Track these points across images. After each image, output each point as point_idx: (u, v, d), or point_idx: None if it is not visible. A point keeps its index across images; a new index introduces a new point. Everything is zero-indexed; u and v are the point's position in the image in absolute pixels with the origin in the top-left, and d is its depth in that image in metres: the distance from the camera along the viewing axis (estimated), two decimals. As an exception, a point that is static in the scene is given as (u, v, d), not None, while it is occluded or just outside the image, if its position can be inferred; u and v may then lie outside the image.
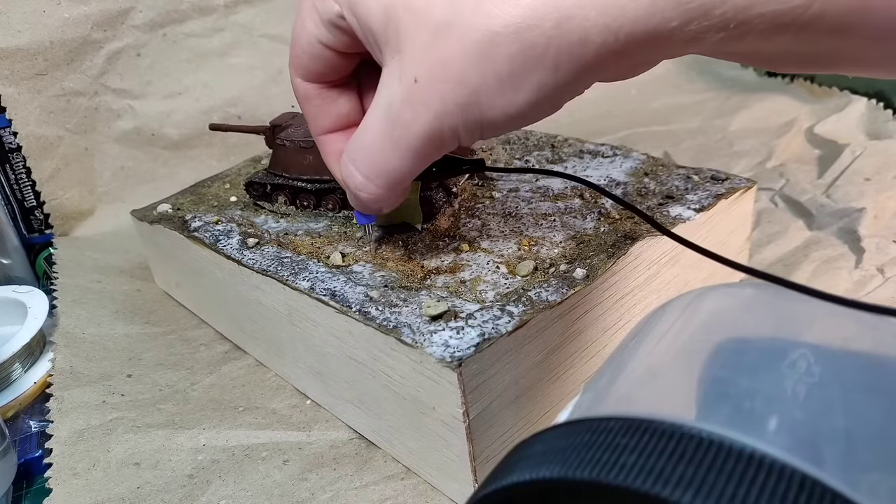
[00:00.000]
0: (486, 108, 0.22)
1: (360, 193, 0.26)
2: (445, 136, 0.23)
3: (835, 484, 0.11)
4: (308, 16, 0.25)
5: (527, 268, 0.31)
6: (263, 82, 0.64)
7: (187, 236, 0.39)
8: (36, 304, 0.43)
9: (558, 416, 0.17)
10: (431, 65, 0.21)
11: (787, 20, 0.17)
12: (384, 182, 0.25)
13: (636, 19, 0.18)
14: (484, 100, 0.21)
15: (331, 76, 0.27)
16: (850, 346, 0.17)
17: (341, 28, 0.25)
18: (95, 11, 0.57)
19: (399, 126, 0.23)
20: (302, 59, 0.27)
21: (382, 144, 0.24)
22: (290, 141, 0.39)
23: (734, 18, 0.18)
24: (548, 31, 0.19)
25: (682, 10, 0.18)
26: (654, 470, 0.11)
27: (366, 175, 0.25)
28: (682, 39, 0.19)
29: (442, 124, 0.22)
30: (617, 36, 0.19)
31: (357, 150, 0.25)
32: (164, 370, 0.39)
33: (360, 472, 0.31)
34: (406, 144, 0.23)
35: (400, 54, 0.22)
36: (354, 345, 0.30)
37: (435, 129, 0.23)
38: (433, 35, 0.21)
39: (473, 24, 0.20)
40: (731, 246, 0.38)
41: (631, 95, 0.70)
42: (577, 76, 0.20)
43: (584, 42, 0.19)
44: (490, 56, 0.20)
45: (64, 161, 0.57)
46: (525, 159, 0.43)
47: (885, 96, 0.59)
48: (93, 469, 0.32)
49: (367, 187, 0.26)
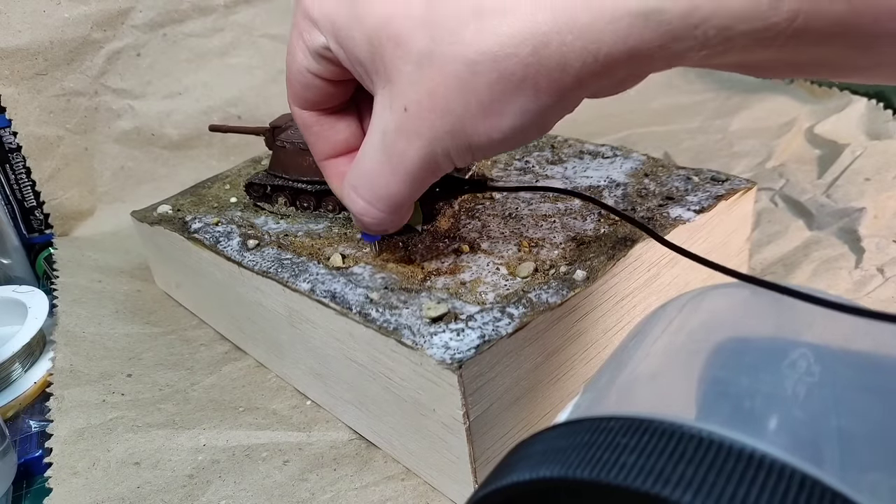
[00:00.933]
0: (472, 135, 0.22)
1: (364, 218, 0.26)
2: (440, 161, 0.23)
3: (835, 484, 0.11)
4: (297, 46, 0.25)
5: (527, 269, 0.31)
6: (263, 82, 0.64)
7: (187, 238, 0.39)
8: (36, 304, 0.43)
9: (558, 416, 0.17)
10: (418, 94, 0.21)
11: (770, 35, 0.17)
12: (386, 206, 0.26)
13: (615, 41, 0.18)
14: (469, 127, 0.21)
15: (327, 104, 0.28)
16: (849, 346, 0.17)
17: (328, 59, 0.25)
18: (95, 11, 0.57)
19: (394, 154, 0.23)
20: (296, 87, 0.27)
21: (381, 171, 0.24)
22: (290, 142, 0.39)
23: (715, 37, 0.17)
24: (525, 59, 0.19)
25: (661, 32, 0.18)
26: (654, 470, 0.11)
27: (368, 201, 0.26)
28: (663, 57, 0.18)
29: (435, 150, 0.23)
30: (596, 58, 0.19)
31: (357, 178, 0.26)
32: (165, 370, 0.39)
33: (361, 472, 0.31)
34: (403, 171, 0.24)
35: (390, 84, 0.22)
36: (355, 346, 0.30)
37: (429, 155, 0.23)
38: (417, 65, 0.21)
39: (452, 54, 0.20)
40: (731, 246, 0.38)
41: (630, 96, 0.70)
42: (559, 99, 0.20)
43: (563, 67, 0.19)
44: (470, 85, 0.20)
45: (64, 161, 0.57)
46: (525, 160, 0.43)
47: (885, 96, 0.59)
48: (93, 469, 0.32)
49: (370, 212, 0.26)
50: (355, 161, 0.26)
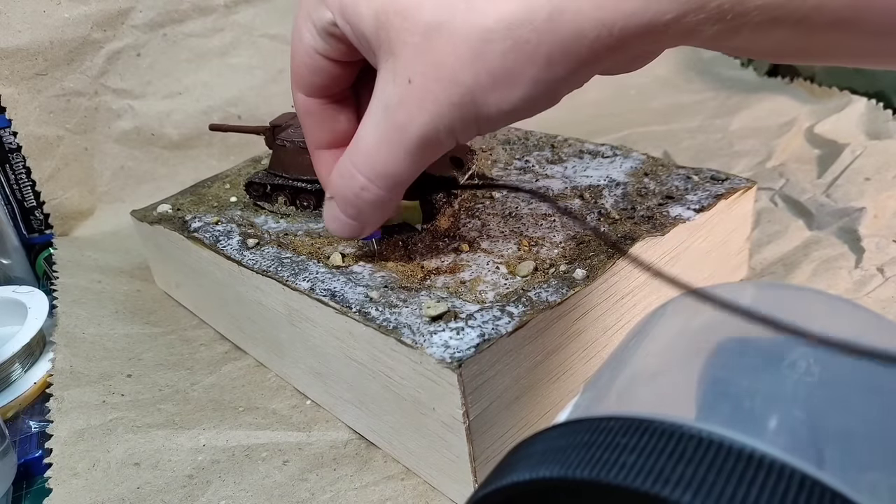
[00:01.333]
0: (480, 106, 0.22)
1: (364, 194, 0.26)
2: (442, 136, 0.23)
3: (835, 484, 0.11)
4: (304, 26, 0.25)
5: (527, 268, 0.31)
6: (263, 82, 0.64)
7: (187, 237, 0.39)
8: (36, 304, 0.43)
9: (558, 416, 0.17)
10: (424, 66, 0.21)
11: (784, 13, 0.17)
12: (384, 184, 0.25)
13: (631, 13, 0.18)
14: (478, 98, 0.21)
15: (331, 89, 0.27)
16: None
17: (336, 36, 0.25)
18: (95, 11, 0.57)
19: (396, 129, 0.23)
20: (302, 72, 0.27)
21: (381, 147, 0.24)
22: (290, 141, 0.39)
23: (730, 10, 0.18)
24: (540, 27, 0.19)
25: (678, 3, 0.18)
26: (654, 470, 0.11)
27: (367, 177, 0.25)
28: (677, 32, 0.18)
29: (438, 124, 0.22)
30: (611, 31, 0.19)
31: (358, 153, 0.25)
32: (164, 370, 0.39)
33: (360, 472, 0.31)
34: (404, 146, 0.23)
35: (393, 56, 0.22)
36: (354, 345, 0.30)
37: (431, 130, 0.23)
38: (424, 36, 0.21)
39: (465, 22, 0.20)
40: (731, 245, 0.38)
41: (631, 95, 0.70)
42: (572, 71, 0.20)
43: (578, 37, 0.19)
44: (482, 54, 0.20)
45: (64, 161, 0.57)
46: (525, 159, 0.43)
47: (885, 96, 0.59)
48: (93, 469, 0.32)
49: (370, 189, 0.26)
50: (356, 137, 0.25)
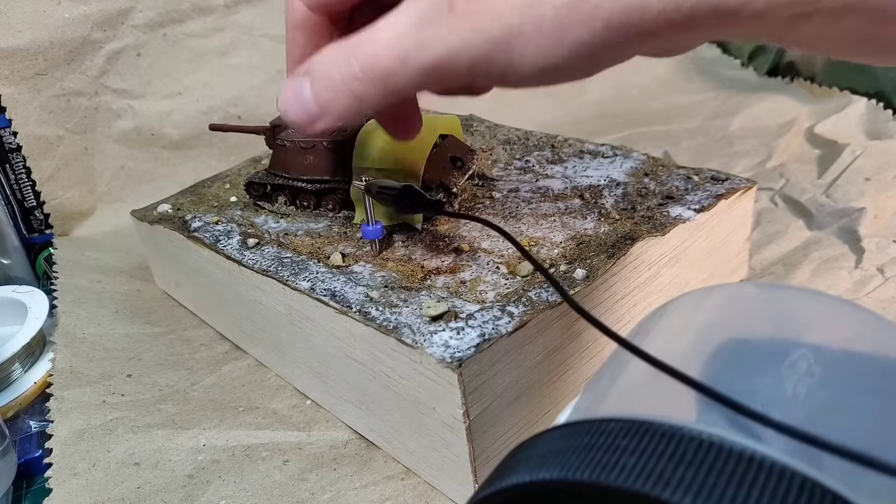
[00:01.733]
0: (516, 55, 0.20)
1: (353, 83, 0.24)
2: (460, 68, 0.21)
3: (834, 485, 0.11)
4: None
5: (527, 268, 0.31)
6: (263, 82, 0.64)
7: (187, 236, 0.39)
8: (36, 304, 0.43)
9: (558, 418, 0.17)
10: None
11: None
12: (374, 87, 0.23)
13: None
14: (517, 45, 0.20)
15: (337, 6, 0.26)
16: (850, 347, 0.17)
17: None
18: (95, 11, 0.57)
19: (417, 43, 0.21)
20: None
21: (394, 51, 0.22)
22: (290, 141, 0.39)
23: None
24: None
25: None
26: (654, 472, 0.11)
27: (363, 70, 0.23)
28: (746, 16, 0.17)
29: (462, 55, 0.21)
30: (679, 7, 0.17)
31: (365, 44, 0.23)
32: (164, 370, 0.39)
33: (360, 472, 0.31)
34: (419, 62, 0.22)
35: None
36: (355, 345, 0.30)
37: (453, 57, 0.21)
38: None
39: None
40: (731, 246, 0.38)
41: (631, 95, 0.70)
42: (625, 41, 0.19)
43: (644, 7, 0.18)
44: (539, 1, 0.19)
45: (64, 161, 0.57)
46: (525, 159, 0.43)
47: (886, 96, 0.59)
48: (93, 469, 0.32)
49: (362, 82, 0.23)
50: (368, 31, 0.23)
